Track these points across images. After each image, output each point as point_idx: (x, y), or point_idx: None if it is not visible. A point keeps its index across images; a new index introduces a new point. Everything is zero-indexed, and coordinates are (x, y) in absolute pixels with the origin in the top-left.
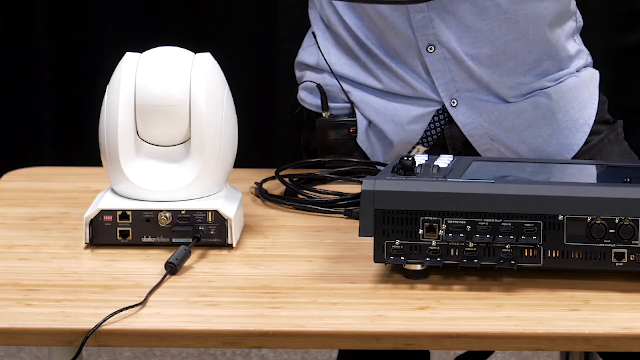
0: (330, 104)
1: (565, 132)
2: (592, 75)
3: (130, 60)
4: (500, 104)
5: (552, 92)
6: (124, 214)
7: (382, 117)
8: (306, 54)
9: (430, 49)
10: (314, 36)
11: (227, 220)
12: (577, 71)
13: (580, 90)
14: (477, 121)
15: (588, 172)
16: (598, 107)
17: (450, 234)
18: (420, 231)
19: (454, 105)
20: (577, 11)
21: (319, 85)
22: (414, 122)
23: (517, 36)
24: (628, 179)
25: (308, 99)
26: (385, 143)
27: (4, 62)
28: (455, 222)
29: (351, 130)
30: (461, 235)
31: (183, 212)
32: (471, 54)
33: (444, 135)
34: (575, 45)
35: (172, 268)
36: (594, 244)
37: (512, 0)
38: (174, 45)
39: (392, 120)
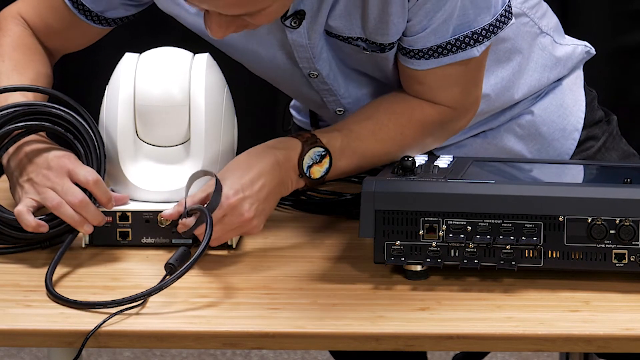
0: (320, 123)
1: (553, 144)
2: (576, 76)
3: (129, 61)
4: (482, 133)
5: (534, 108)
6: (123, 215)
7: None
8: None
9: None
10: None
11: None
12: (561, 78)
13: (564, 96)
14: (460, 155)
15: (588, 173)
16: (587, 107)
17: (450, 235)
18: (421, 232)
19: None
20: (543, 18)
21: None
22: None
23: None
24: (628, 180)
25: (298, 116)
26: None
27: None
28: (455, 222)
29: None
30: (461, 236)
31: None
32: None
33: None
34: (560, 50)
35: (172, 269)
36: (595, 245)
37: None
38: (173, 46)
39: None
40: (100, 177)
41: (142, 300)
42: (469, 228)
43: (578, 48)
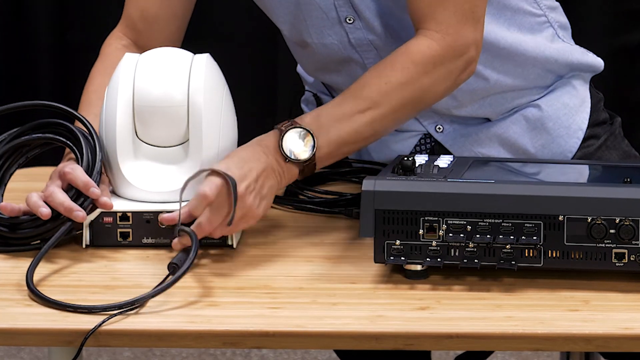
0: None
1: (557, 141)
2: (584, 78)
3: (129, 61)
4: (487, 122)
5: (541, 102)
6: (124, 216)
7: None
8: (302, 69)
9: None
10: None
11: None
12: (566, 77)
13: (571, 95)
14: (465, 144)
15: (588, 172)
16: (592, 108)
17: (450, 234)
18: (421, 231)
19: (440, 131)
20: (552, 12)
21: (315, 95)
22: (399, 142)
23: (494, 89)
24: (628, 179)
25: (307, 110)
26: (370, 160)
27: (4, 62)
28: (455, 222)
29: None
30: (461, 235)
31: None
32: (450, 105)
33: (433, 153)
34: (560, 47)
35: (175, 269)
36: (595, 244)
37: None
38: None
39: (379, 140)
40: (72, 168)
41: (119, 311)
42: (469, 228)
43: (578, 51)
